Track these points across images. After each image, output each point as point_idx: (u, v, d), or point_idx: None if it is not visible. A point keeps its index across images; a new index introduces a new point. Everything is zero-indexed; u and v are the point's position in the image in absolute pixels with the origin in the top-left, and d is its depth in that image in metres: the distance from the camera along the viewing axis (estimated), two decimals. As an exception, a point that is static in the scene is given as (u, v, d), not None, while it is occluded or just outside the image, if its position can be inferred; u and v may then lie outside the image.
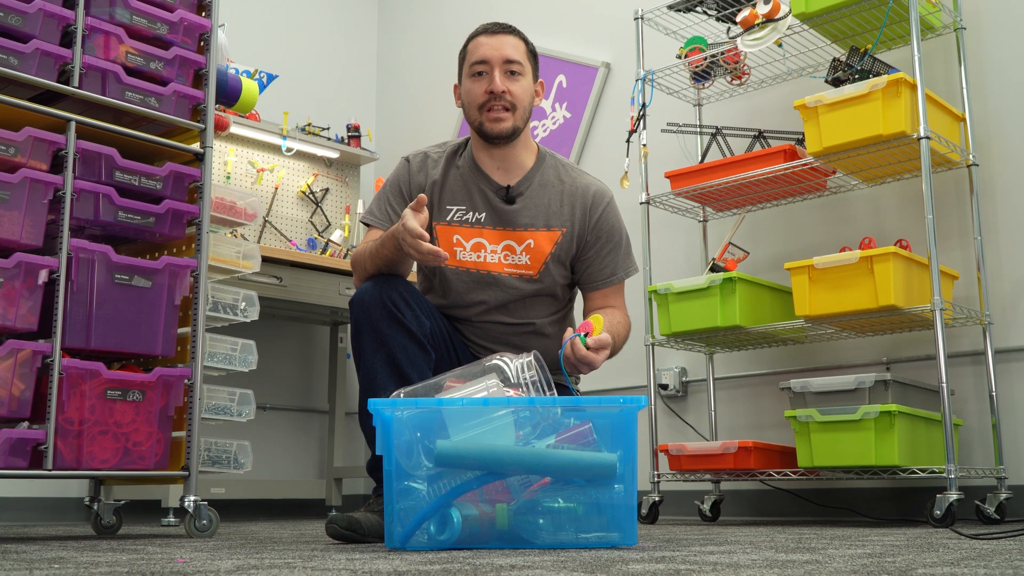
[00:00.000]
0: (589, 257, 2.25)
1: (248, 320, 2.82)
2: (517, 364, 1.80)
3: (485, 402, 1.69)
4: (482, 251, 2.20)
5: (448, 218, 2.22)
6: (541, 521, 1.68)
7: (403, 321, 2.03)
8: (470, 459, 1.65)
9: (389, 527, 1.66)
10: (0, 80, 2.17)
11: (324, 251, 4.43)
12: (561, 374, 2.26)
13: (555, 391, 1.80)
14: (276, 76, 4.44)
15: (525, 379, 1.77)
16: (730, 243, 3.28)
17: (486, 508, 1.67)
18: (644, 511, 3.09)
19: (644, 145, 3.38)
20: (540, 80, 2.30)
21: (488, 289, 2.21)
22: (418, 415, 1.66)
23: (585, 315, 2.26)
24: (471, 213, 2.22)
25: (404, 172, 2.29)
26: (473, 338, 2.24)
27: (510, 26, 2.25)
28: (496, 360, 1.81)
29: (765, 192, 3.26)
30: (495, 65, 2.18)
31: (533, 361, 1.79)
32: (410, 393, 1.80)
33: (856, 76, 2.90)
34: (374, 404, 1.66)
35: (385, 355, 2.02)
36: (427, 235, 1.95)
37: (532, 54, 2.27)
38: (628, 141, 3.35)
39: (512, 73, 2.19)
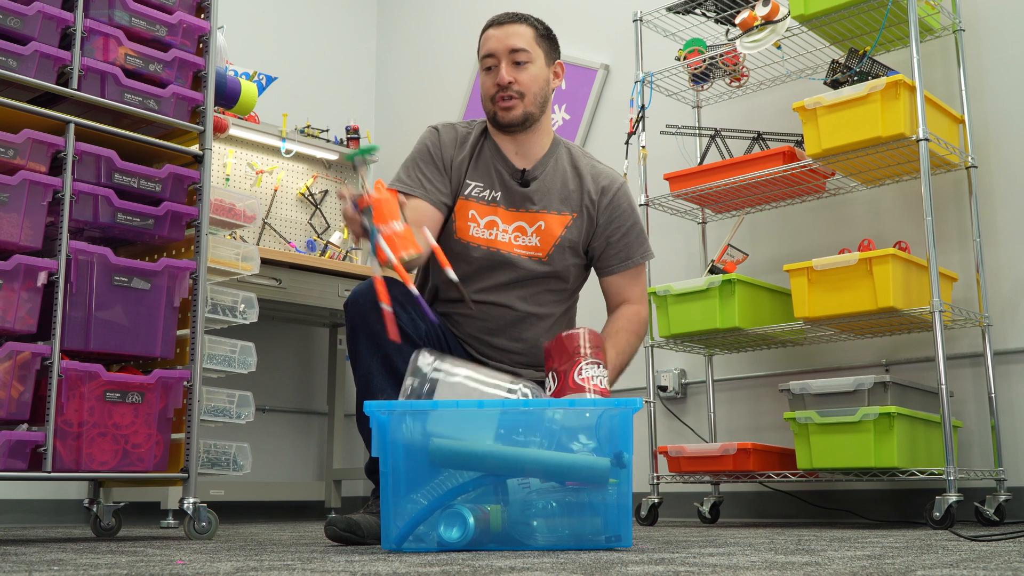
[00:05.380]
0: (602, 241, 2.27)
1: (247, 322, 2.82)
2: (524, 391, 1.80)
3: (480, 404, 1.70)
4: (495, 229, 2.22)
5: (467, 192, 2.24)
6: (535, 523, 1.68)
7: (399, 323, 2.02)
8: (464, 459, 1.65)
9: (386, 528, 1.66)
10: (-1, 82, 2.17)
11: (323, 253, 4.43)
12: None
13: None
14: (275, 78, 4.44)
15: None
16: (729, 245, 3.28)
17: (476, 512, 1.67)
18: (643, 513, 3.09)
19: (643, 147, 3.38)
20: (559, 61, 2.31)
21: (499, 268, 2.21)
22: (414, 416, 1.67)
23: (608, 306, 2.28)
24: (488, 191, 2.24)
25: (435, 139, 2.29)
26: (472, 331, 2.23)
27: (519, 15, 2.27)
28: (520, 386, 1.82)
29: (764, 194, 3.26)
30: (501, 57, 2.22)
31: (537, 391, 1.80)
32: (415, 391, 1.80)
33: (855, 78, 2.91)
34: (370, 407, 1.66)
35: (381, 358, 2.02)
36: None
37: (544, 37, 2.27)
38: (627, 143, 3.35)
39: (518, 63, 2.22)
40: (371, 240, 1.77)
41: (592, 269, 2.34)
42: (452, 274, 1.84)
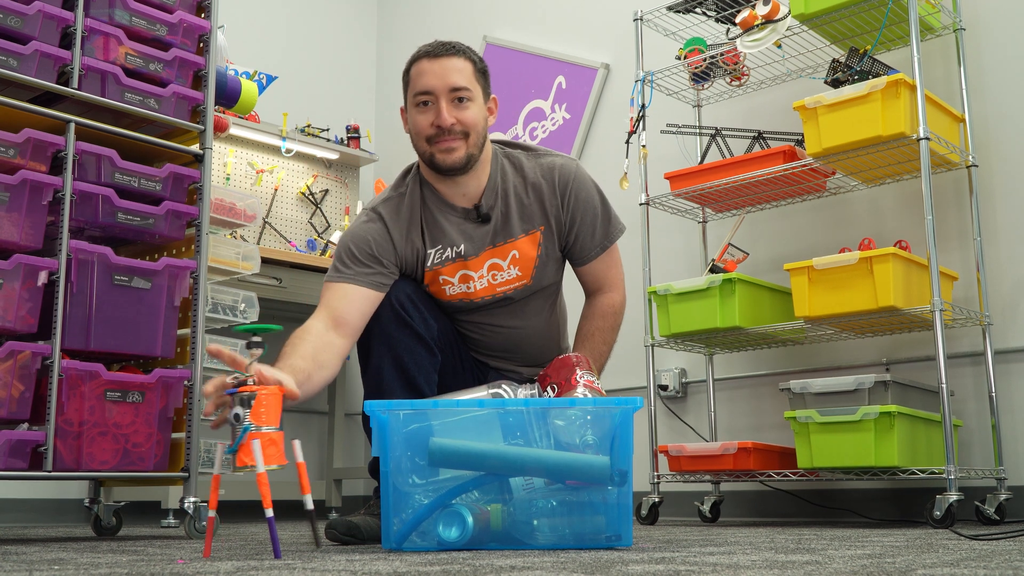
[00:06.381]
0: (573, 238, 2.17)
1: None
2: (521, 394, 1.81)
3: (480, 403, 1.70)
4: (470, 281, 2.12)
5: (431, 263, 2.11)
6: (536, 522, 1.68)
7: (411, 324, 2.02)
8: (464, 458, 1.65)
9: (386, 527, 1.66)
10: (-1, 81, 2.17)
11: (324, 252, 4.43)
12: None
13: None
14: (275, 77, 4.44)
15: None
16: (730, 244, 3.28)
17: (475, 511, 1.67)
18: (644, 512, 3.08)
19: (643, 146, 3.38)
20: (493, 96, 2.14)
21: (483, 309, 2.17)
22: (413, 416, 1.67)
23: (586, 292, 2.25)
24: (449, 249, 2.10)
25: (378, 233, 2.09)
26: (473, 347, 2.24)
27: (454, 45, 2.08)
28: (497, 389, 1.83)
29: (764, 193, 3.26)
30: (440, 95, 2.02)
31: (536, 393, 1.81)
32: None
33: (855, 77, 2.90)
34: (369, 406, 1.67)
35: (392, 359, 2.02)
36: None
37: (481, 72, 2.10)
38: (627, 142, 3.35)
39: (460, 100, 2.03)
40: (239, 437, 1.52)
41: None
42: (309, 502, 1.61)
